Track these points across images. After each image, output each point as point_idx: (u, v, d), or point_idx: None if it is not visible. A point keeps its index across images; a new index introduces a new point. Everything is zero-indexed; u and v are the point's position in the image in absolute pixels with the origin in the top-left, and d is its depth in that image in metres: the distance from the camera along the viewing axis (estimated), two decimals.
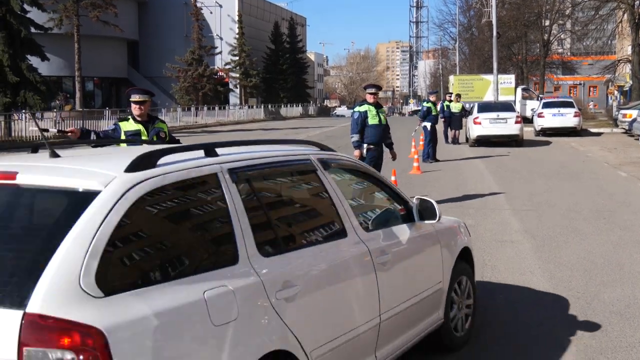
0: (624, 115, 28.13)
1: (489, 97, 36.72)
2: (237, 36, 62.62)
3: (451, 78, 44.87)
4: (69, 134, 6.18)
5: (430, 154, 17.20)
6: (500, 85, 35.95)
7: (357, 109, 9.68)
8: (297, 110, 69.48)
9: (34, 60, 30.11)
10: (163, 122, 6.74)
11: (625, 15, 34.97)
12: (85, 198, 2.47)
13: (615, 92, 49.28)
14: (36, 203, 2.75)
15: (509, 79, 41.01)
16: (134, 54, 65.13)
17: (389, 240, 3.86)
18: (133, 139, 6.14)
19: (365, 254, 3.55)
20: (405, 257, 3.97)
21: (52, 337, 2.15)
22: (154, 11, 64.65)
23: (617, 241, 7.68)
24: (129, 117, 6.52)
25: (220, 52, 60.99)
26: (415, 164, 14.95)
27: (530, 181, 13.36)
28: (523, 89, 39.12)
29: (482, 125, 22.08)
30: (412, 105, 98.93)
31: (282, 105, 66.51)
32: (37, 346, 2.14)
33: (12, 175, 2.64)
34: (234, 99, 63.52)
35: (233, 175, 2.99)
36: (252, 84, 62.95)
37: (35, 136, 26.96)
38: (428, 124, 17.51)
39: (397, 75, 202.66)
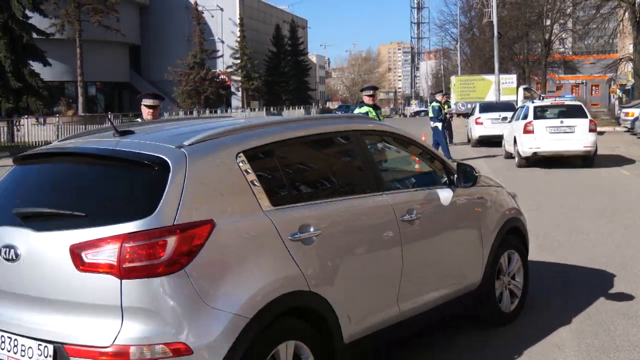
0: (626, 114, 28.10)
1: (490, 97, 36.73)
2: (238, 39, 62.72)
3: (453, 78, 44.89)
4: None
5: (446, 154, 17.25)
6: (501, 85, 35.97)
7: (357, 110, 9.78)
8: (299, 112, 69.46)
9: (36, 66, 30.23)
10: None
11: (627, 13, 34.93)
12: None
13: (618, 91, 49.19)
14: None
15: (511, 79, 41.03)
16: (136, 58, 65.27)
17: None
18: None
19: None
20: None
21: None
22: (156, 15, 64.78)
23: (619, 240, 7.68)
24: (138, 120, 6.66)
25: (222, 55, 61.11)
26: (417, 166, 14.99)
27: (531, 180, 13.36)
28: (525, 89, 39.08)
29: (484, 125, 22.10)
30: (414, 106, 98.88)
31: (284, 108, 66.57)
32: None
33: None
34: (236, 102, 63.62)
35: None
36: (254, 86, 63.03)
37: (39, 141, 27.05)
38: (439, 124, 17.47)
39: (399, 76, 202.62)
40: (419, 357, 4.44)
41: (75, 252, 2.85)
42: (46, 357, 2.91)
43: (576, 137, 14.97)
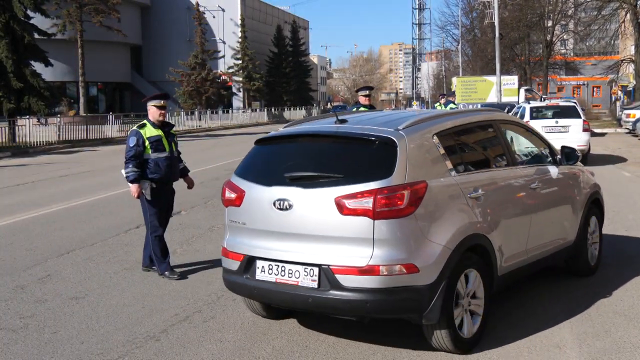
0: (628, 115, 28.10)
1: (492, 98, 36.70)
2: (239, 40, 62.77)
3: (454, 79, 44.89)
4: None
5: None
6: (503, 86, 35.91)
7: (355, 111, 9.63)
8: (301, 113, 69.49)
9: (37, 66, 30.20)
10: (173, 126, 6.85)
11: (628, 15, 34.89)
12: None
13: (619, 92, 49.16)
14: None
15: (512, 80, 40.95)
16: (138, 59, 65.34)
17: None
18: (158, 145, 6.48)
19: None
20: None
21: None
22: (157, 16, 64.85)
23: (622, 240, 7.67)
24: (145, 122, 6.51)
25: (223, 56, 61.14)
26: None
27: None
28: (526, 90, 39.01)
29: None
30: (415, 107, 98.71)
31: (286, 108, 66.58)
32: None
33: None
34: (237, 102, 63.63)
35: None
36: (255, 87, 63.04)
37: (41, 141, 27.06)
38: None
39: (400, 77, 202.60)
40: (417, 355, 4.44)
41: (339, 202, 4.16)
42: (312, 276, 4.24)
43: (570, 136, 15.77)
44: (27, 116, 28.21)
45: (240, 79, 62.82)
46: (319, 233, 4.23)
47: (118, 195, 12.34)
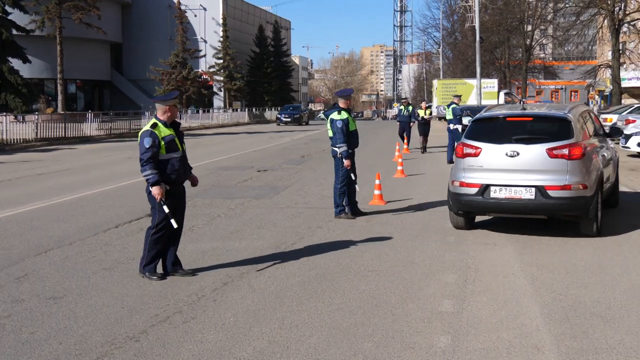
0: (605, 120, 28.48)
1: (472, 101, 37.05)
2: (221, 39, 62.48)
3: (435, 82, 45.18)
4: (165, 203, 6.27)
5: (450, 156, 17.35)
6: (483, 89, 36.27)
7: (338, 117, 9.43)
8: None
9: (15, 63, 29.81)
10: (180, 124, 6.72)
11: (606, 21, 35.40)
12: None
13: (596, 97, 49.86)
14: None
15: (492, 83, 41.39)
16: (118, 57, 64.71)
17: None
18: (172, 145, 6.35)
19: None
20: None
21: None
22: (138, 14, 64.30)
23: (598, 244, 7.78)
24: (155, 122, 6.29)
25: (205, 55, 60.80)
26: (400, 168, 14.97)
27: None
28: (505, 93, 39.48)
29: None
30: (396, 109, 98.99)
31: (267, 109, 66.41)
32: None
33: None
34: (218, 102, 63.32)
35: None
36: (236, 87, 62.82)
37: (18, 139, 26.68)
38: (459, 126, 17.57)
39: (382, 79, 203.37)
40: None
41: (548, 151, 7.78)
42: (530, 193, 7.76)
43: None
44: (4, 113, 27.80)
45: (222, 78, 62.54)
46: (535, 168, 7.77)
47: (96, 194, 12.22)
